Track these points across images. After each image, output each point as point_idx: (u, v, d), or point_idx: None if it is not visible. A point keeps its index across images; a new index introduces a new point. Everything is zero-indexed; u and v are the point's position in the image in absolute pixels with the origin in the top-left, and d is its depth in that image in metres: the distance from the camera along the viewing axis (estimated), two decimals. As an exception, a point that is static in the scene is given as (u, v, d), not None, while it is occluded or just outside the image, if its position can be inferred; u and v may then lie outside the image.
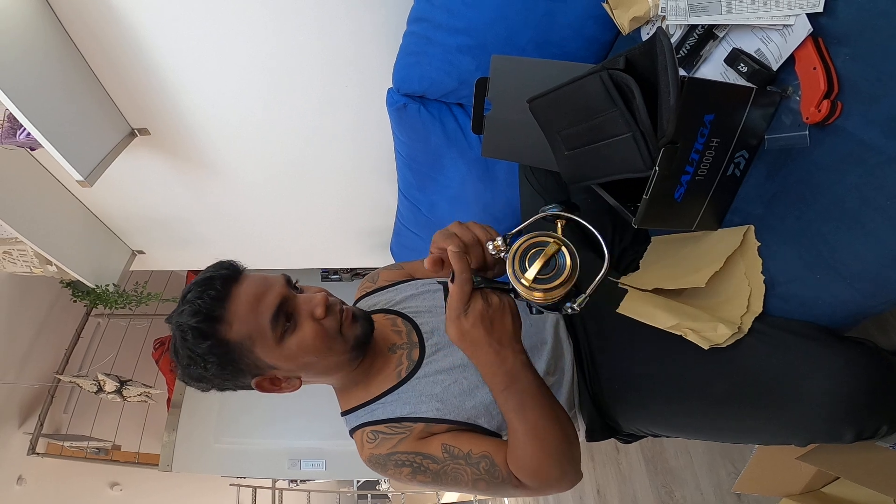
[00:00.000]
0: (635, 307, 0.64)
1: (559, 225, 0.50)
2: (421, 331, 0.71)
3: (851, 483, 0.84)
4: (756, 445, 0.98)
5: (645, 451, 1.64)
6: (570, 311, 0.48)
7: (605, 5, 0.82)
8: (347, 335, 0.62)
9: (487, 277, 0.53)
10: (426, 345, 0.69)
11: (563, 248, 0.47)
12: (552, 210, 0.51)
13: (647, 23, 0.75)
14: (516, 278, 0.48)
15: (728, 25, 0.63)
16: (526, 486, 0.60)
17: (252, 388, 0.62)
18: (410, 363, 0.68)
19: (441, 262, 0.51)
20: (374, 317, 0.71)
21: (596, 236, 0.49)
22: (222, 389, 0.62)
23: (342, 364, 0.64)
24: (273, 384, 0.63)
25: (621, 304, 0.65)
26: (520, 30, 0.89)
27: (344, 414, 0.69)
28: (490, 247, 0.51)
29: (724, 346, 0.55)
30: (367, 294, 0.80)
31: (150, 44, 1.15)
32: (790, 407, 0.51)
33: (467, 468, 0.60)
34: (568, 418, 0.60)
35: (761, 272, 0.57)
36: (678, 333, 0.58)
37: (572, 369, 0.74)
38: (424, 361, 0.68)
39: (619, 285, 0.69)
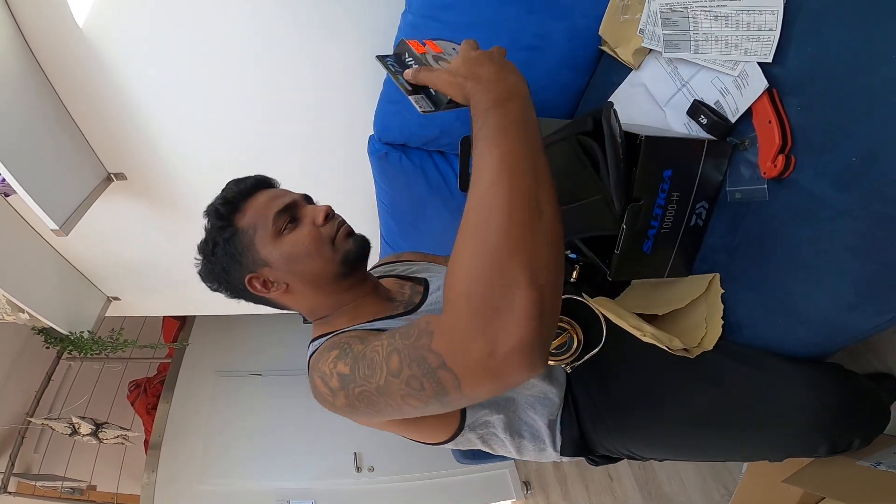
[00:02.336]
0: (605, 305, 0.65)
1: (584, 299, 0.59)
2: (428, 285, 0.70)
3: (839, 503, 0.86)
4: (744, 469, 1.00)
5: (637, 478, 1.65)
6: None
7: (603, 48, 0.86)
8: (339, 246, 0.63)
9: None
10: (428, 297, 0.68)
11: (575, 336, 0.56)
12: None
13: (650, 52, 0.75)
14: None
15: (688, 77, 0.68)
16: (451, 326, 0.39)
17: (245, 292, 0.66)
18: (407, 306, 0.67)
19: None
20: (385, 280, 0.73)
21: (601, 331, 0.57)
22: (226, 287, 0.67)
23: (329, 277, 0.63)
24: (263, 286, 0.64)
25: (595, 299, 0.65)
26: (498, 79, 0.92)
27: (314, 340, 0.64)
28: None
29: (676, 353, 0.57)
30: (387, 263, 0.82)
31: (128, 87, 1.15)
32: (767, 424, 0.54)
33: (384, 340, 0.48)
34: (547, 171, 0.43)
35: (722, 317, 0.59)
36: (636, 334, 0.59)
37: (564, 378, 0.71)
38: (419, 309, 0.66)
39: (593, 306, 0.68)
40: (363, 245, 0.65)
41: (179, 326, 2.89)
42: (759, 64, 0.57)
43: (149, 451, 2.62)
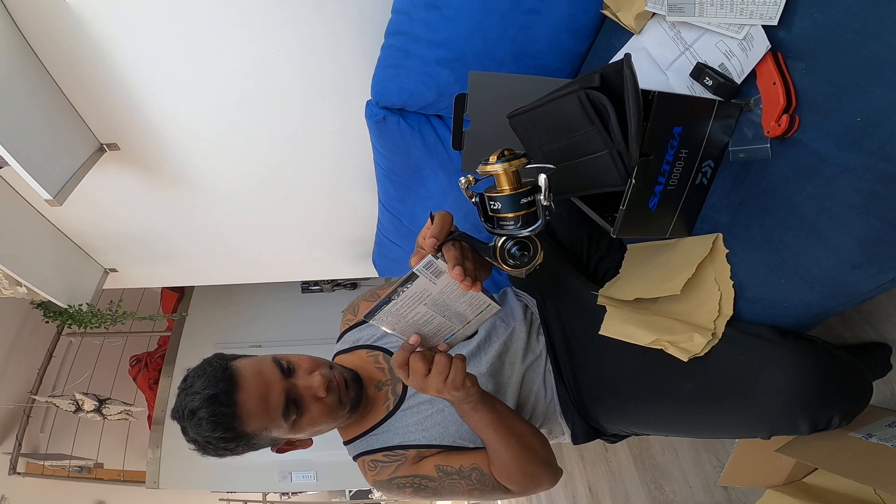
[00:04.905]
0: (615, 327, 0.67)
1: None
2: None
3: (831, 473, 0.88)
4: (736, 440, 1.02)
5: (632, 449, 1.68)
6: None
7: (605, 12, 0.83)
8: (345, 401, 0.71)
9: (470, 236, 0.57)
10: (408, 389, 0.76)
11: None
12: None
13: (653, 16, 0.74)
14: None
15: (691, 41, 0.66)
16: (511, 490, 0.70)
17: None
18: (395, 397, 0.75)
19: None
20: (358, 353, 0.79)
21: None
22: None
23: (343, 421, 0.74)
24: (289, 444, 0.73)
25: (602, 325, 0.69)
26: (497, 43, 0.90)
27: (346, 443, 0.79)
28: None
29: (702, 354, 0.57)
30: (350, 328, 0.85)
31: (116, 57, 1.12)
32: (749, 402, 0.55)
33: (461, 481, 0.70)
34: (532, 429, 0.71)
35: (730, 277, 0.59)
36: (658, 348, 0.60)
37: (552, 381, 0.79)
38: (407, 395, 0.75)
39: (599, 301, 0.71)
40: (358, 382, 0.73)
41: (178, 298, 2.90)
42: (765, 27, 0.56)
43: (152, 427, 2.66)
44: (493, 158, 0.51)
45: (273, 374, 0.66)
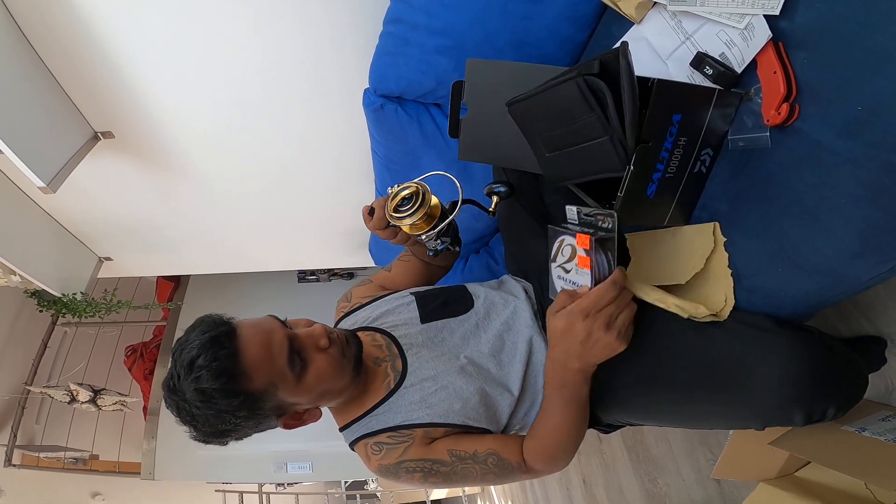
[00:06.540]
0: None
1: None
2: (400, 343, 0.74)
3: (823, 467, 0.88)
4: (730, 432, 1.03)
5: (626, 441, 1.69)
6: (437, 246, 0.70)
7: (606, 1, 0.82)
8: (348, 355, 0.67)
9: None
10: (407, 355, 0.73)
11: (422, 191, 0.66)
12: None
13: (654, 5, 0.73)
14: (395, 217, 0.67)
15: (692, 31, 0.65)
16: (534, 470, 0.69)
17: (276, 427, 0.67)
18: (396, 374, 0.72)
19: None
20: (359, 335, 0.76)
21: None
22: (243, 438, 0.64)
23: (349, 382, 0.69)
24: (296, 419, 0.67)
25: None
26: (497, 32, 0.90)
27: (342, 429, 0.74)
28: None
29: (701, 320, 0.58)
30: (345, 315, 0.84)
31: (114, 44, 1.11)
32: (745, 392, 0.55)
33: (476, 466, 0.68)
34: (588, 419, 0.70)
35: (728, 266, 0.59)
36: (661, 305, 0.60)
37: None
38: (409, 371, 0.72)
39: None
40: (357, 339, 0.70)
41: (174, 287, 2.89)
42: (766, 17, 0.56)
43: (148, 418, 2.66)
44: (391, 203, 0.63)
45: (273, 323, 0.63)
